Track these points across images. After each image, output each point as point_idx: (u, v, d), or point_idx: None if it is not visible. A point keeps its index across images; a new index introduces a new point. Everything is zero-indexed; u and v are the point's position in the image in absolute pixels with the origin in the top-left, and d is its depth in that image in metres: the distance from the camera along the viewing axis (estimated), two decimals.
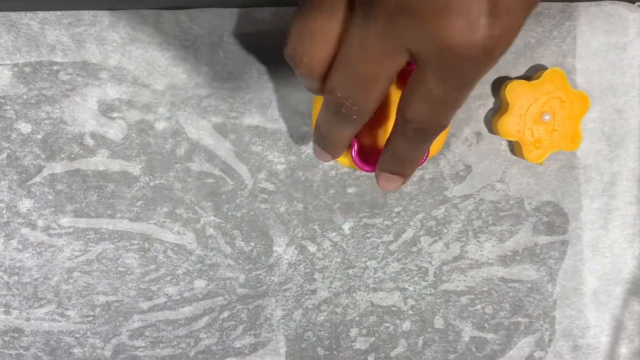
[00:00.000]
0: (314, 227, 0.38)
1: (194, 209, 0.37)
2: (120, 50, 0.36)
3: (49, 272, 0.38)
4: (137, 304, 0.38)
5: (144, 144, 0.37)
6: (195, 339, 0.38)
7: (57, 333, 0.38)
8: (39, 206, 0.37)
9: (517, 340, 0.38)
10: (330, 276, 0.38)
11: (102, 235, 0.37)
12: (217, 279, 0.38)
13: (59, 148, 0.36)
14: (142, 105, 0.36)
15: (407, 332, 0.38)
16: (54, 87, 0.36)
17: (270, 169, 0.37)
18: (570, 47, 0.35)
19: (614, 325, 0.38)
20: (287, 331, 0.38)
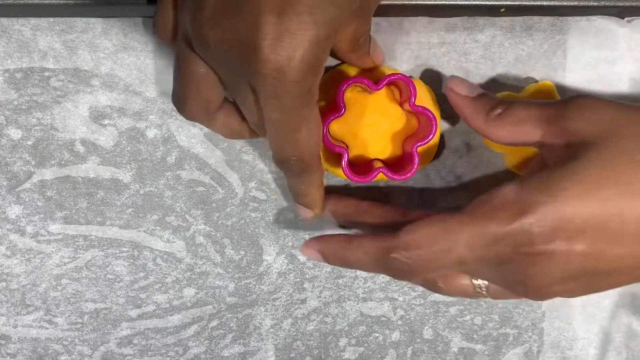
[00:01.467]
0: (305, 237, 0.38)
1: (184, 217, 0.37)
2: (112, 57, 0.35)
3: (38, 279, 0.37)
4: (126, 311, 0.38)
5: (135, 151, 0.36)
6: (183, 348, 0.38)
7: (45, 340, 0.38)
8: (28, 212, 0.37)
9: (506, 351, 0.38)
10: (320, 285, 0.38)
11: (92, 242, 0.37)
12: (207, 288, 0.38)
13: (49, 154, 0.36)
14: (134, 112, 0.36)
15: (396, 342, 0.38)
16: (45, 94, 0.36)
17: (261, 177, 0.37)
18: (561, 60, 0.36)
19: (602, 337, 0.38)
20: (276, 340, 0.38)
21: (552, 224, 0.26)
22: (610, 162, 0.26)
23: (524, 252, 0.26)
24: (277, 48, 0.23)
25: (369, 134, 0.34)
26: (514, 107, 0.30)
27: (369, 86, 0.31)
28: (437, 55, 0.36)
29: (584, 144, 0.27)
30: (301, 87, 0.24)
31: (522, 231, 0.26)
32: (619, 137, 0.27)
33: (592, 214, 0.26)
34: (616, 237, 0.26)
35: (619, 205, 0.26)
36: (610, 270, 0.27)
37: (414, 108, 0.32)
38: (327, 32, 0.24)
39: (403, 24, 0.35)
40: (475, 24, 0.35)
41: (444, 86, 0.36)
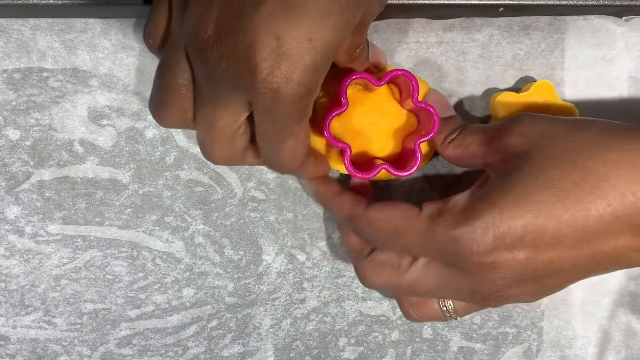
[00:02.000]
0: (304, 236, 0.38)
1: (183, 217, 0.37)
2: (111, 57, 0.36)
3: (36, 280, 0.37)
4: (125, 312, 0.38)
5: (134, 151, 0.36)
6: (183, 348, 0.38)
7: (44, 341, 0.38)
8: (27, 213, 0.37)
9: (505, 350, 0.38)
10: (319, 285, 0.38)
11: (91, 242, 0.37)
12: (206, 288, 0.38)
13: (48, 155, 0.36)
14: (132, 112, 0.36)
15: (396, 341, 0.38)
16: (44, 94, 0.36)
17: (260, 177, 0.37)
18: (559, 59, 0.36)
19: (601, 336, 0.38)
20: (276, 340, 0.38)
21: (493, 235, 0.28)
22: (540, 168, 0.28)
23: (469, 261, 0.28)
24: (275, 70, 0.24)
25: (369, 132, 0.34)
26: (464, 133, 0.32)
27: (372, 82, 0.31)
28: (435, 54, 0.36)
29: (517, 157, 0.29)
30: (295, 107, 0.26)
31: (464, 239, 0.28)
32: (549, 145, 0.29)
33: (529, 221, 0.27)
34: (554, 239, 0.27)
35: (553, 208, 0.27)
36: (555, 271, 0.28)
37: (417, 104, 0.32)
38: (324, 57, 0.25)
39: (401, 24, 0.35)
40: (472, 23, 0.35)
41: (443, 86, 0.36)
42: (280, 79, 0.24)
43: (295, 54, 0.24)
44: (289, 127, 0.27)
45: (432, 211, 0.30)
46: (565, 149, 0.28)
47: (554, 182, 0.28)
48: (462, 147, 0.32)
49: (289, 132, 0.27)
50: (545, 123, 0.30)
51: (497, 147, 0.30)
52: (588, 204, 0.27)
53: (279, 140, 0.28)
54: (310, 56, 0.24)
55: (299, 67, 0.24)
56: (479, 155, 0.31)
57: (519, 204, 0.28)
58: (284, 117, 0.26)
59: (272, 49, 0.24)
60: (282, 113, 0.26)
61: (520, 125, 0.30)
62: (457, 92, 0.36)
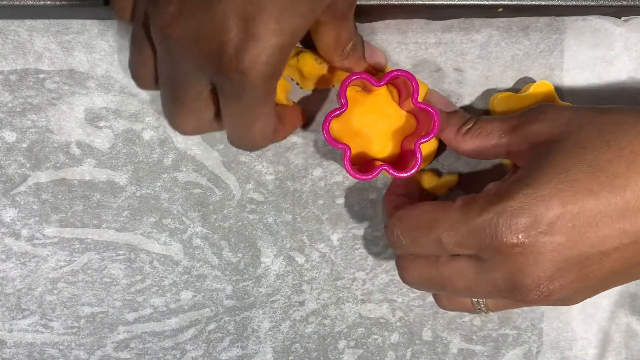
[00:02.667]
0: (303, 238, 0.37)
1: (181, 219, 0.37)
2: (109, 59, 0.35)
3: (33, 283, 0.37)
4: (123, 315, 0.37)
5: (131, 153, 0.36)
6: (181, 351, 0.38)
7: (41, 345, 0.37)
8: (24, 216, 0.36)
9: (505, 352, 0.38)
10: (318, 287, 0.38)
11: (88, 245, 0.37)
12: (204, 290, 0.38)
13: (45, 157, 0.36)
14: (130, 114, 0.36)
15: (396, 344, 0.38)
16: (40, 96, 0.35)
17: (259, 179, 0.37)
18: (558, 60, 0.36)
19: (601, 337, 0.38)
20: (275, 343, 0.38)
21: (529, 214, 0.27)
22: (572, 149, 0.28)
23: (506, 243, 0.27)
24: (242, 52, 0.24)
25: (368, 133, 0.34)
26: (481, 121, 0.32)
27: (371, 82, 0.31)
28: (434, 55, 0.36)
29: (546, 143, 0.29)
30: (262, 89, 0.25)
31: (499, 220, 0.27)
32: (577, 129, 0.29)
33: (566, 199, 0.27)
34: (594, 217, 0.27)
35: (589, 185, 0.27)
36: (597, 255, 0.27)
37: (417, 104, 0.32)
38: (290, 40, 0.25)
39: (400, 25, 0.35)
40: (471, 24, 0.35)
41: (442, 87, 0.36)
42: (247, 61, 0.24)
43: (263, 35, 0.24)
44: (256, 109, 0.27)
45: (464, 201, 0.29)
46: (595, 130, 0.28)
47: (588, 161, 0.27)
48: (481, 137, 0.31)
49: (257, 113, 0.27)
50: (566, 109, 0.30)
51: (522, 134, 0.30)
52: (625, 179, 0.27)
53: (246, 123, 0.28)
54: (278, 38, 0.24)
55: (265, 48, 0.24)
56: (502, 144, 0.31)
57: (553, 182, 0.27)
58: (250, 99, 0.26)
59: (239, 31, 0.24)
60: (248, 96, 0.26)
61: (545, 113, 0.30)
62: (456, 93, 0.36)
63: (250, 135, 0.28)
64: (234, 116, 0.27)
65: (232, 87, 0.25)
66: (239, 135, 0.29)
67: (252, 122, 0.28)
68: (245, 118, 0.27)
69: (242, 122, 0.28)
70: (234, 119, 0.27)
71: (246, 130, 0.28)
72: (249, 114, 0.27)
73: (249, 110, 0.27)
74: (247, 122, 0.28)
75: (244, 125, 0.28)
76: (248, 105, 0.26)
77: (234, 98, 0.26)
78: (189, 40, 0.24)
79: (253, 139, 0.29)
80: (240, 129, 0.28)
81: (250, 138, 0.29)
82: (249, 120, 0.27)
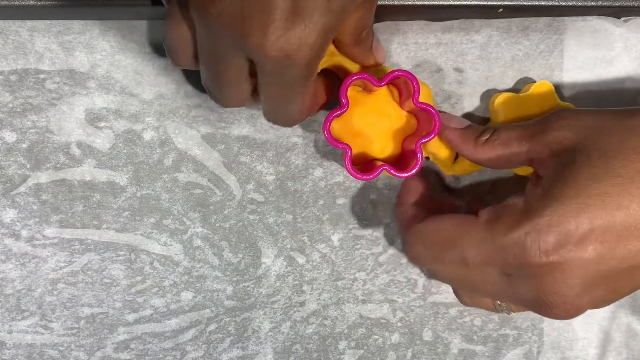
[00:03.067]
0: (303, 239, 0.37)
1: (182, 220, 0.37)
2: (109, 59, 0.35)
3: (33, 284, 0.37)
4: (123, 316, 0.37)
5: (131, 153, 0.36)
6: (181, 352, 0.38)
7: (40, 346, 0.37)
8: (23, 216, 0.36)
9: (506, 352, 0.38)
10: (319, 288, 0.38)
11: (88, 246, 0.37)
12: (204, 291, 0.37)
13: (45, 157, 0.36)
14: (130, 114, 0.36)
15: (396, 344, 0.38)
16: (40, 96, 0.35)
17: (259, 179, 0.37)
18: (558, 60, 0.36)
19: (602, 337, 0.38)
20: (275, 344, 0.38)
21: (558, 231, 0.26)
22: (599, 157, 0.27)
23: (534, 262, 0.26)
24: (288, 33, 0.23)
25: (368, 133, 0.34)
26: (499, 130, 0.31)
27: (373, 82, 0.31)
28: (434, 56, 0.36)
29: (570, 150, 0.28)
30: (304, 71, 0.25)
31: (527, 239, 0.26)
32: (600, 135, 0.27)
33: (595, 214, 0.26)
34: (624, 231, 0.26)
35: (619, 198, 0.26)
36: (628, 270, 0.26)
37: (418, 105, 0.32)
38: (337, 21, 0.24)
39: (400, 25, 0.35)
40: (471, 24, 0.35)
41: (442, 87, 0.36)
42: (292, 42, 0.23)
43: (311, 15, 0.23)
44: (295, 88, 0.26)
45: (490, 216, 0.28)
46: (621, 136, 0.27)
47: (616, 171, 0.26)
48: (500, 146, 0.31)
49: (296, 92, 0.26)
50: (589, 114, 0.29)
51: (543, 142, 0.29)
52: None
53: (284, 101, 0.27)
54: (326, 18, 0.23)
55: (314, 29, 0.23)
56: (523, 152, 0.30)
57: (581, 197, 0.26)
58: (291, 80, 0.25)
59: (287, 9, 0.22)
60: (290, 76, 0.25)
61: (565, 119, 0.29)
62: (456, 93, 0.36)
63: (287, 113, 0.28)
64: (272, 94, 0.27)
65: (274, 67, 0.24)
66: (275, 112, 0.28)
67: (290, 101, 0.27)
68: (284, 96, 0.27)
69: (281, 100, 0.27)
70: (272, 96, 0.27)
71: (284, 108, 0.27)
72: (288, 93, 0.26)
73: (289, 90, 0.26)
74: (286, 100, 0.27)
75: (282, 103, 0.27)
76: (288, 85, 0.26)
77: (274, 77, 0.25)
78: (230, 18, 0.23)
79: (290, 116, 0.28)
80: (278, 106, 0.27)
81: (287, 116, 0.28)
82: (287, 98, 0.27)
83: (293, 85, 0.26)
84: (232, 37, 0.24)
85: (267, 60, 0.24)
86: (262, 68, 0.25)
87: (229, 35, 0.24)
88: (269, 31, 0.23)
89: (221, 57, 0.26)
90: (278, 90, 0.26)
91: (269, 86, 0.26)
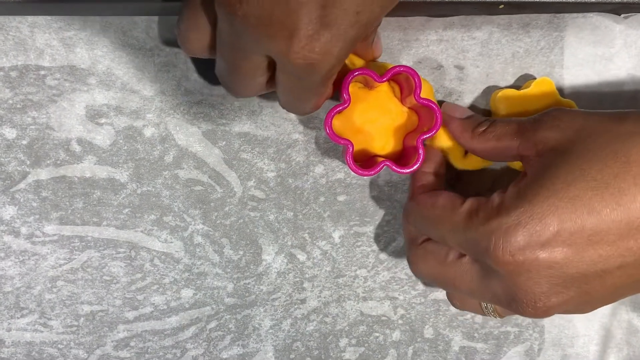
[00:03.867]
0: (304, 236, 0.37)
1: (182, 217, 0.37)
2: (110, 55, 0.35)
3: (32, 281, 0.37)
4: (123, 313, 0.37)
5: (132, 150, 0.36)
6: (181, 350, 0.38)
7: (40, 344, 0.37)
8: (23, 213, 0.36)
9: (507, 349, 0.38)
10: (319, 285, 0.38)
11: (88, 243, 0.37)
12: (205, 288, 0.37)
13: (45, 154, 0.36)
14: (131, 111, 0.36)
15: (397, 342, 0.38)
16: (41, 92, 0.35)
17: (260, 176, 0.37)
18: (558, 57, 0.36)
19: (603, 334, 0.38)
20: (276, 341, 0.38)
21: (524, 232, 0.26)
22: (576, 161, 0.27)
23: (501, 260, 0.27)
24: (314, 41, 0.23)
25: (369, 129, 0.34)
26: (495, 123, 0.32)
27: (374, 78, 0.31)
28: (435, 52, 0.36)
29: (553, 151, 0.28)
30: (325, 76, 0.25)
31: (493, 236, 0.27)
32: (585, 138, 0.27)
33: (563, 217, 0.26)
34: (595, 236, 0.26)
35: (590, 202, 0.26)
36: (598, 273, 0.26)
37: (419, 100, 0.32)
38: (363, 31, 0.24)
39: (400, 22, 0.35)
40: (472, 21, 0.35)
41: (443, 84, 0.36)
42: (317, 51, 0.23)
43: (339, 25, 0.22)
44: (314, 90, 0.26)
45: (471, 207, 0.29)
46: (604, 141, 0.27)
47: (591, 175, 0.26)
48: (494, 139, 0.31)
49: (314, 93, 0.27)
50: (580, 116, 0.29)
51: (532, 139, 0.29)
52: (631, 196, 0.25)
53: (302, 99, 0.27)
54: (354, 31, 0.23)
55: (340, 40, 0.23)
56: (514, 147, 0.30)
57: (551, 200, 0.26)
58: (311, 83, 0.25)
59: (316, 18, 0.22)
60: (308, 81, 0.25)
61: (555, 119, 0.29)
62: (457, 90, 0.36)
63: (303, 107, 0.28)
64: (290, 91, 0.27)
65: (296, 71, 0.24)
66: (291, 105, 0.28)
67: (307, 99, 0.27)
68: (302, 94, 0.27)
69: (297, 97, 0.27)
70: (288, 92, 0.27)
71: (300, 103, 0.28)
72: (306, 93, 0.27)
73: (307, 91, 0.26)
74: (303, 98, 0.27)
75: (298, 99, 0.27)
76: (307, 87, 0.26)
77: (294, 78, 0.25)
78: (257, 21, 0.23)
79: (305, 110, 0.29)
80: (295, 101, 0.28)
81: (303, 109, 0.29)
82: (305, 96, 0.27)
83: (312, 87, 0.26)
84: (256, 38, 0.24)
85: (289, 65, 0.24)
86: (282, 68, 0.25)
87: (253, 35, 0.24)
88: (295, 39, 0.23)
89: (241, 51, 0.25)
90: (297, 89, 0.26)
91: (287, 83, 0.26)
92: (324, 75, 0.25)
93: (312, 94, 0.27)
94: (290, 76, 0.25)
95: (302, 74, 0.24)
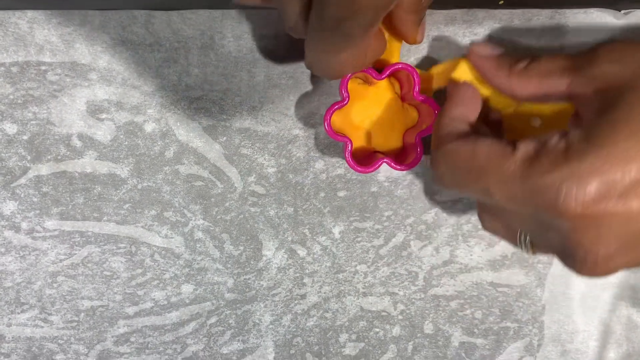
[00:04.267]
0: (304, 231, 0.37)
1: (183, 212, 0.37)
2: (110, 51, 0.35)
3: (33, 276, 0.37)
4: (123, 309, 0.37)
5: (133, 145, 0.36)
6: (182, 345, 0.38)
7: (40, 339, 0.37)
8: (24, 208, 0.36)
9: (507, 345, 0.38)
10: (320, 281, 0.38)
11: (88, 238, 0.37)
12: (205, 284, 0.37)
13: (46, 149, 0.36)
14: (132, 106, 0.36)
15: (397, 337, 0.38)
16: (42, 88, 0.35)
17: (261, 172, 0.37)
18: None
19: (602, 329, 0.38)
20: (276, 337, 0.38)
21: (600, 180, 0.23)
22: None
23: (569, 212, 0.23)
24: None
25: (369, 126, 0.34)
26: (539, 59, 0.28)
27: (373, 75, 0.31)
28: (436, 48, 0.36)
29: (617, 89, 0.25)
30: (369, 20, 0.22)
31: (563, 185, 0.23)
32: None
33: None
34: None
35: None
36: None
37: (418, 97, 0.32)
38: None
39: None
40: (474, 16, 0.35)
41: None
42: None
43: None
44: (354, 36, 0.23)
45: (528, 152, 0.25)
46: None
47: None
48: (538, 77, 0.27)
49: (351, 42, 0.23)
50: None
51: (586, 76, 0.26)
52: None
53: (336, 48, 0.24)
54: None
55: None
56: (563, 85, 0.26)
57: (630, 142, 0.23)
58: (350, 28, 0.22)
59: None
60: (349, 25, 0.22)
61: (616, 52, 0.26)
62: None
63: (334, 62, 0.25)
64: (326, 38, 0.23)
65: (337, 11, 0.21)
66: (320, 60, 0.25)
67: (342, 49, 0.24)
68: (337, 44, 0.23)
69: (333, 46, 0.24)
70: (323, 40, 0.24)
71: (331, 57, 0.24)
72: (345, 40, 0.23)
73: (347, 37, 0.23)
74: (338, 48, 0.24)
75: (332, 50, 0.24)
76: (347, 32, 0.23)
77: (332, 22, 0.22)
78: None
79: (334, 66, 0.25)
80: (326, 54, 0.24)
81: (332, 64, 0.25)
82: (340, 46, 0.24)
83: (352, 33, 0.23)
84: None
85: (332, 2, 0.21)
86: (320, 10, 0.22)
87: None
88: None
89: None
90: (334, 36, 0.23)
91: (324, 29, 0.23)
92: (369, 18, 0.22)
93: (349, 43, 0.23)
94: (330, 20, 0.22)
95: (344, 13, 0.21)
